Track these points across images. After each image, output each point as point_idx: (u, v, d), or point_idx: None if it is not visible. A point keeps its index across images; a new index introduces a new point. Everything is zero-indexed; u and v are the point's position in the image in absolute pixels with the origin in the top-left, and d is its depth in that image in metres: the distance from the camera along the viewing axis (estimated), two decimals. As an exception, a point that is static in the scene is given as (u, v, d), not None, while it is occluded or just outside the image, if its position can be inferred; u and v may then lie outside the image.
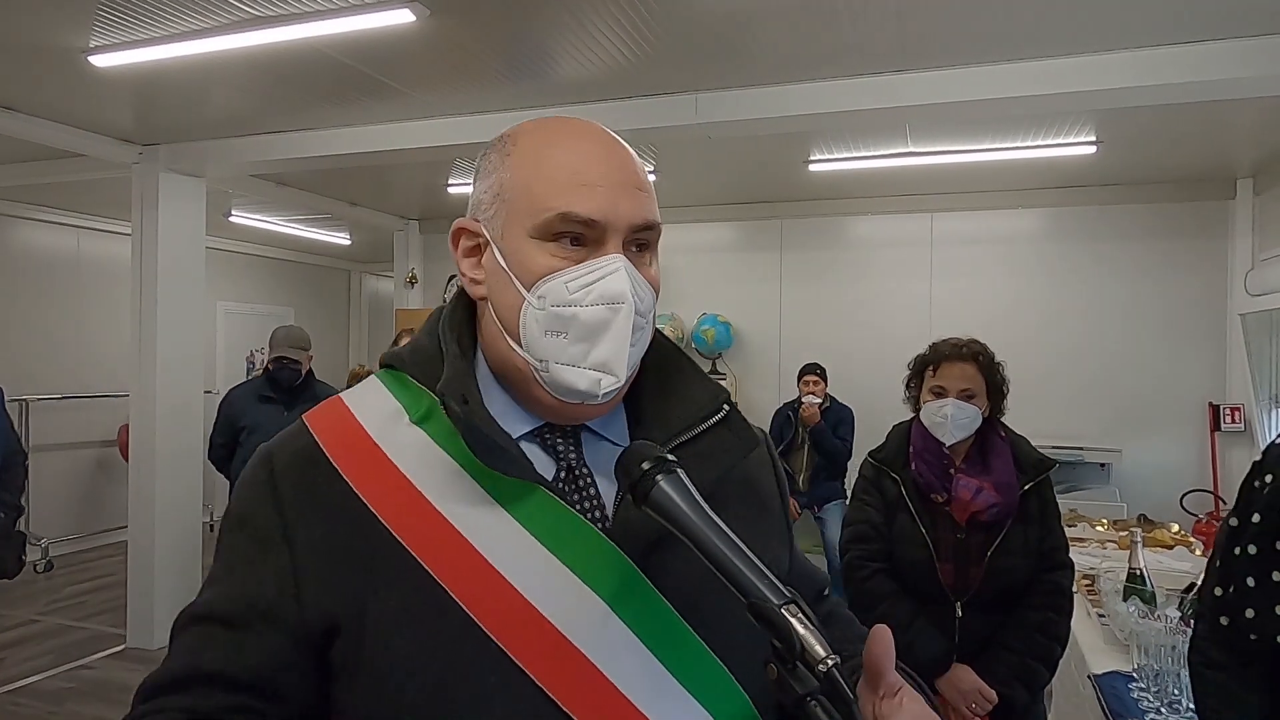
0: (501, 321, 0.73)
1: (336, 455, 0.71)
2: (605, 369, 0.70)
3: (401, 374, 0.77)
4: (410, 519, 0.68)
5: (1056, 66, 3.29)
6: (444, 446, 0.71)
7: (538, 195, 0.70)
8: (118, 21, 3.00)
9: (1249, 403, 4.99)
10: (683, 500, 0.62)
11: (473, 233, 0.76)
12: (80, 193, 6.02)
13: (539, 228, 0.70)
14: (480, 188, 0.76)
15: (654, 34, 3.11)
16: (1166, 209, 5.39)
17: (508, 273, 0.72)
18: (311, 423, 0.75)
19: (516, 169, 0.73)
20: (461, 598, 0.65)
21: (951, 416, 1.97)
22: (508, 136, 0.76)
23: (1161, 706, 1.92)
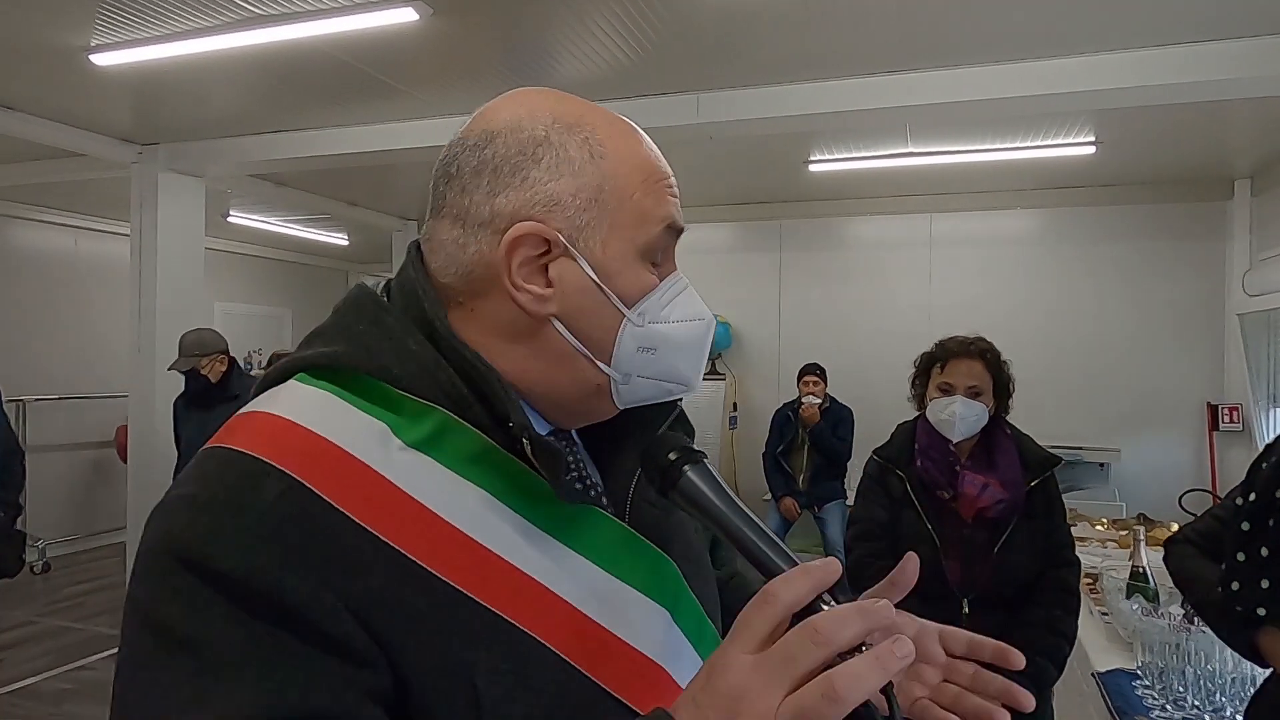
0: (586, 342, 0.64)
1: (338, 496, 0.54)
2: (686, 382, 0.69)
3: (376, 384, 0.61)
4: (467, 567, 0.56)
5: (1056, 67, 3.30)
6: (461, 473, 0.59)
7: (647, 206, 0.64)
8: (119, 20, 3.00)
9: (1247, 402, 5.00)
10: (710, 489, 0.62)
11: (544, 240, 0.62)
12: (78, 193, 6.01)
13: (649, 244, 0.65)
14: (557, 186, 0.62)
15: (655, 34, 3.11)
16: (1165, 209, 5.41)
17: (604, 290, 0.63)
18: (265, 453, 0.54)
19: (617, 176, 0.64)
20: (552, 642, 0.58)
21: (959, 414, 1.97)
22: (583, 129, 0.64)
23: (1167, 704, 1.92)
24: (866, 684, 0.45)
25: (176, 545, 0.51)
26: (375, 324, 0.64)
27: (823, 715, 0.45)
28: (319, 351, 0.63)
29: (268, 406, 0.59)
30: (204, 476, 0.55)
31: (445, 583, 0.55)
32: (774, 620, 0.49)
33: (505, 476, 0.61)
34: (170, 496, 0.55)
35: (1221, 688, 1.87)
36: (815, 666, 0.46)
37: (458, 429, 0.61)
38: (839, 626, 0.47)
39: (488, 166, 0.63)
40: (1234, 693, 1.85)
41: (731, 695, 0.47)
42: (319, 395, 0.60)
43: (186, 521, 0.52)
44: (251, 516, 0.51)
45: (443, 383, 0.61)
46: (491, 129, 0.64)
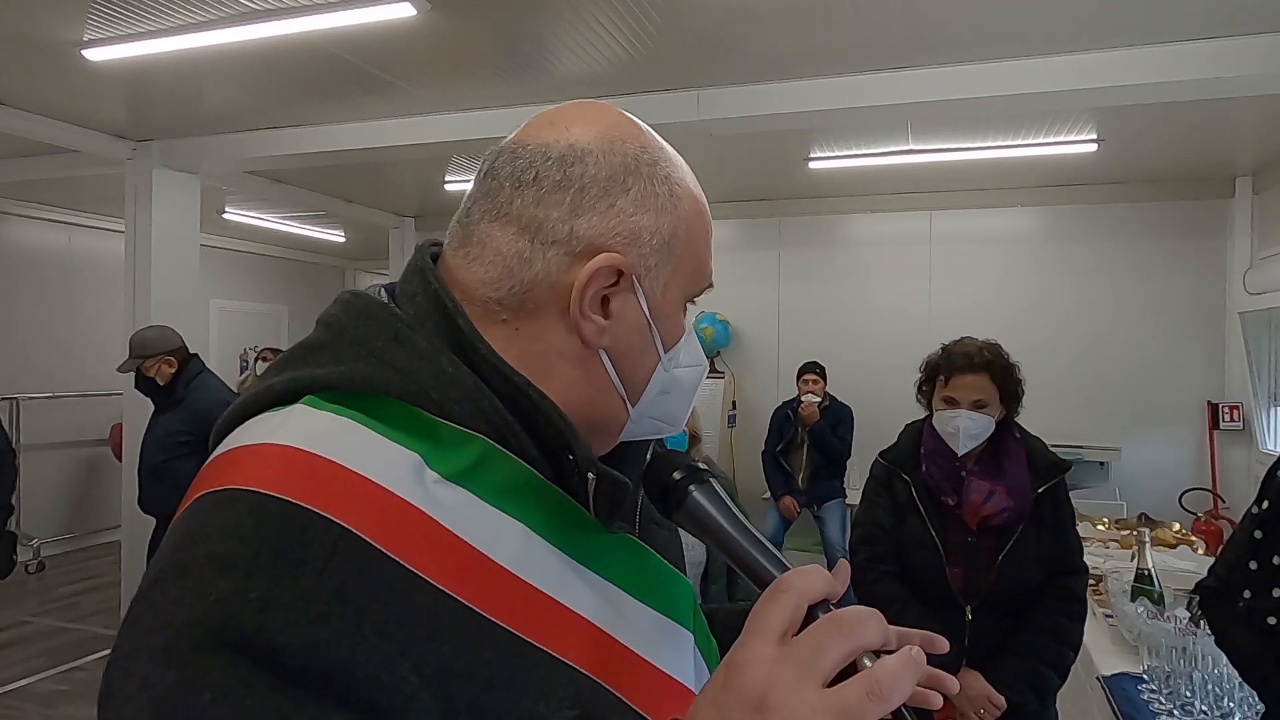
0: (624, 377, 0.62)
1: (390, 544, 0.47)
2: (675, 422, 0.68)
3: (408, 409, 0.55)
4: (522, 610, 0.53)
5: (1058, 64, 3.28)
6: (499, 506, 0.55)
7: (704, 262, 0.66)
8: (112, 15, 2.96)
9: (1247, 401, 4.99)
10: (717, 509, 0.60)
11: (619, 272, 0.59)
12: (73, 189, 5.97)
13: (695, 294, 0.66)
14: (640, 221, 0.60)
15: (655, 30, 3.08)
16: (1166, 207, 5.39)
17: (654, 330, 0.62)
18: (305, 499, 0.47)
19: (689, 224, 0.63)
20: (611, 683, 0.56)
21: (963, 428, 1.94)
22: (664, 168, 0.62)
23: (1174, 709, 1.90)
24: (905, 683, 0.44)
25: (219, 620, 0.42)
26: (398, 341, 0.56)
27: (867, 715, 0.43)
28: (334, 370, 0.55)
29: (278, 436, 0.51)
30: (230, 529, 0.45)
31: (505, 630, 0.51)
32: (789, 610, 0.48)
33: (543, 509, 0.57)
34: (185, 558, 0.45)
35: (1229, 693, 1.85)
36: (841, 660, 0.45)
37: (499, 459, 0.56)
38: (864, 620, 0.46)
39: (574, 184, 0.59)
40: (1242, 698, 1.82)
41: (757, 691, 0.44)
42: (341, 423, 0.53)
43: (230, 588, 0.43)
44: (311, 577, 0.43)
45: (485, 409, 0.56)
46: (580, 145, 0.60)
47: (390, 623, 0.45)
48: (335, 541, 0.45)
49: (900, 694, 0.44)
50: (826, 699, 0.44)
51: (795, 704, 0.43)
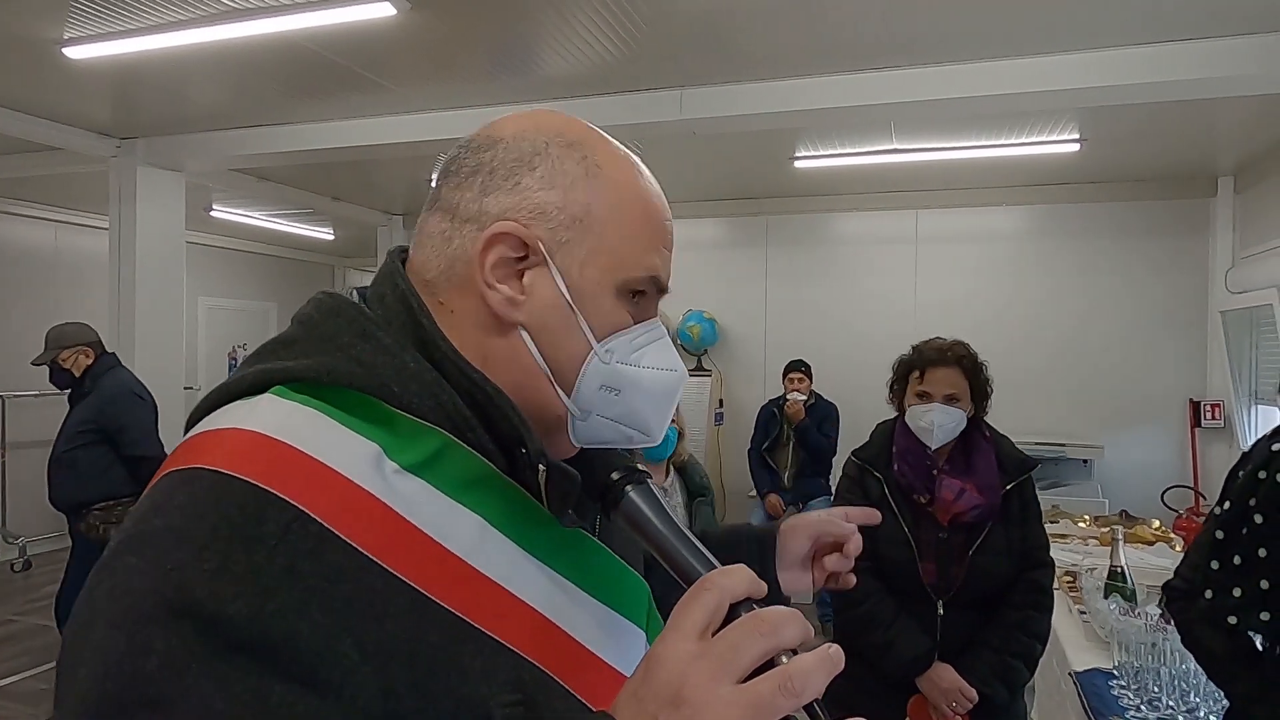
0: (551, 362, 0.63)
1: (343, 527, 0.49)
2: (648, 431, 0.67)
3: (370, 401, 0.57)
4: (471, 597, 0.54)
5: (1040, 65, 3.30)
6: (457, 498, 0.57)
7: (637, 249, 0.64)
8: (92, 13, 2.95)
9: (1229, 399, 5.03)
10: (651, 510, 0.61)
11: (524, 243, 0.61)
12: (58, 186, 5.94)
13: (627, 283, 0.64)
14: (545, 196, 0.62)
15: (638, 29, 3.09)
16: (1148, 207, 5.43)
17: (576, 313, 0.62)
18: (263, 479, 0.49)
19: (611, 201, 0.63)
20: (556, 672, 0.58)
21: (937, 422, 1.97)
22: (580, 145, 0.64)
23: (1141, 704, 1.93)
24: (818, 679, 0.46)
25: (173, 587, 0.44)
26: (365, 337, 0.59)
27: (778, 709, 0.45)
28: (303, 363, 0.58)
29: (246, 422, 0.53)
30: (189, 505, 0.48)
31: (452, 614, 0.53)
32: (711, 608, 0.49)
33: (502, 502, 0.59)
34: (146, 529, 0.47)
35: (1196, 688, 1.88)
36: (758, 658, 0.46)
37: (456, 452, 0.58)
38: (784, 620, 0.47)
39: (484, 168, 0.63)
40: (1208, 693, 1.85)
41: (674, 686, 0.46)
42: (305, 411, 0.55)
43: (185, 559, 0.45)
44: (263, 552, 0.46)
45: (445, 403, 0.59)
46: (496, 136, 0.64)
47: (336, 600, 0.47)
48: (290, 522, 0.48)
49: (812, 690, 0.46)
50: (740, 694, 0.45)
51: (709, 698, 0.45)
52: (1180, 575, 1.56)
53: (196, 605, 0.43)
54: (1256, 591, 1.31)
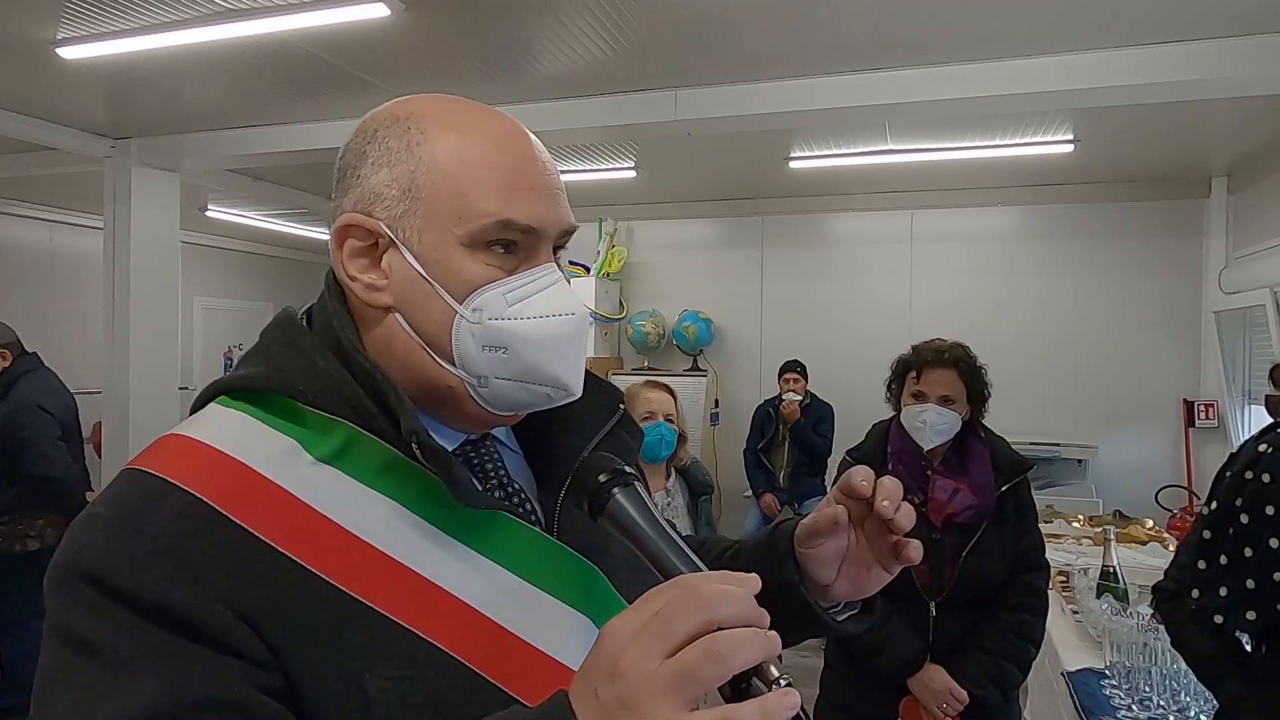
0: (424, 336, 0.64)
1: (238, 511, 0.56)
2: (559, 384, 0.66)
3: (286, 402, 0.63)
4: (364, 574, 0.57)
5: (1034, 66, 3.30)
6: (371, 484, 0.61)
7: (470, 198, 0.63)
8: (86, 13, 2.95)
9: (1222, 400, 5.04)
10: (639, 514, 0.61)
11: (368, 231, 0.64)
12: (53, 186, 5.93)
13: (472, 235, 0.63)
14: (377, 179, 0.64)
15: (633, 30, 3.09)
16: (1143, 207, 5.44)
17: (430, 282, 0.63)
18: (170, 473, 0.57)
19: (434, 163, 0.63)
20: (458, 652, 0.58)
21: (930, 423, 1.97)
22: (407, 120, 0.65)
23: (1133, 704, 1.94)
24: (747, 651, 0.46)
25: (78, 562, 0.54)
26: (289, 345, 0.66)
27: (702, 673, 0.45)
28: (237, 375, 0.66)
29: (186, 430, 0.62)
30: (114, 496, 0.58)
31: (342, 591, 0.56)
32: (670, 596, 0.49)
33: (415, 485, 0.62)
34: (83, 514, 0.57)
35: (1186, 688, 1.89)
36: (694, 632, 0.47)
37: (364, 441, 0.62)
38: (723, 596, 0.48)
39: (339, 175, 0.68)
40: (1198, 692, 1.86)
41: (612, 658, 0.47)
42: (234, 417, 0.63)
43: (88, 540, 0.55)
44: (145, 535, 0.54)
45: (348, 397, 0.63)
46: (344, 143, 0.68)
47: (211, 571, 0.54)
48: (185, 507, 0.56)
49: (739, 659, 0.46)
50: (669, 664, 0.46)
51: (640, 669, 0.46)
52: (1169, 576, 1.57)
53: (95, 577, 0.53)
54: (1243, 591, 1.32)
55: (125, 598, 0.52)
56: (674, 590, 0.49)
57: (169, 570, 0.53)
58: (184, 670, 0.51)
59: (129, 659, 0.51)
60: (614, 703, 0.46)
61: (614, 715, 0.46)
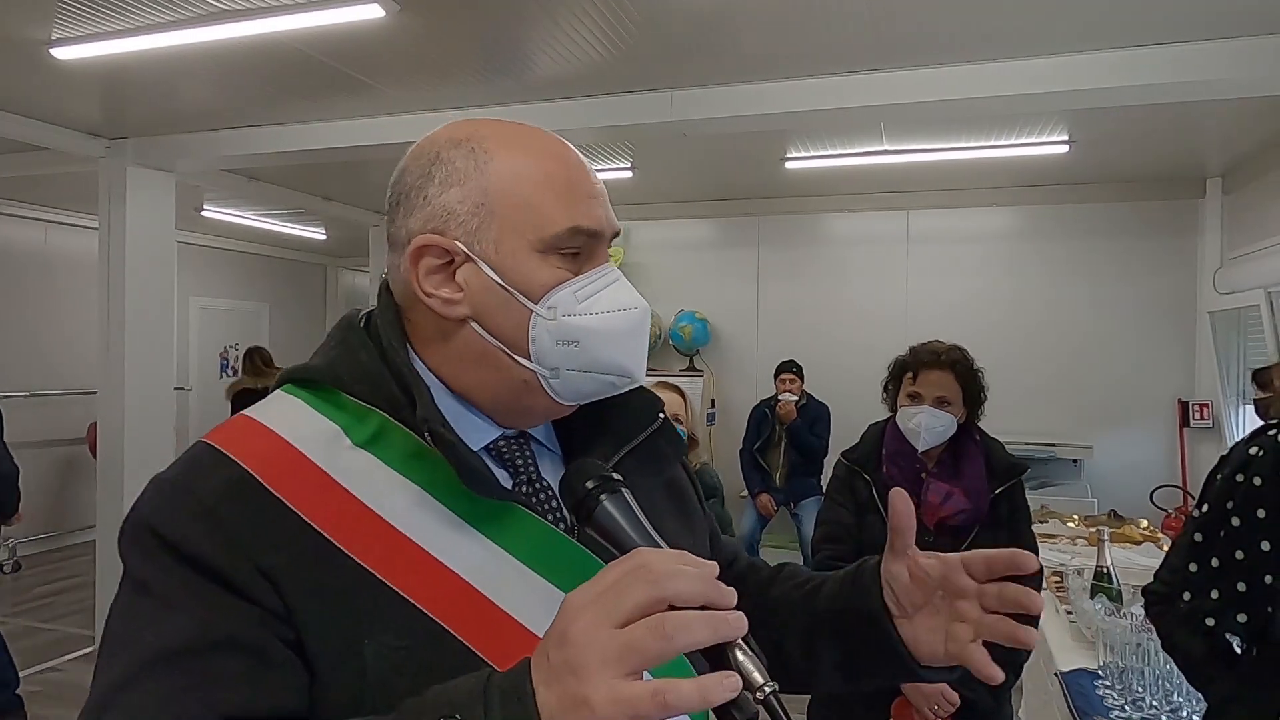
0: (501, 338, 0.69)
1: (279, 485, 0.63)
2: (624, 372, 0.72)
3: (333, 391, 0.70)
4: (382, 551, 0.63)
5: (1030, 67, 3.31)
6: (400, 470, 0.67)
7: (541, 209, 0.68)
8: (81, 13, 2.94)
9: (1217, 399, 5.06)
10: (626, 521, 0.61)
11: (444, 249, 0.69)
12: (49, 186, 5.92)
13: (546, 242, 0.68)
14: (447, 197, 0.69)
15: (629, 31, 3.09)
16: (1137, 208, 5.46)
17: (507, 289, 0.68)
18: (229, 448, 0.65)
19: (503, 179, 0.69)
20: (457, 630, 0.63)
21: (925, 424, 1.97)
22: (471, 142, 0.70)
23: (1126, 704, 1.94)
24: (695, 634, 0.48)
25: (143, 516, 0.64)
26: (342, 342, 0.74)
27: (648, 650, 0.47)
28: (300, 366, 0.74)
29: (252, 411, 0.71)
30: (181, 463, 0.67)
31: (356, 562, 0.62)
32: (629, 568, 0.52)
33: (439, 473, 0.66)
34: (158, 474, 0.67)
35: (1179, 688, 1.89)
36: (644, 605, 0.49)
37: (394, 430, 0.68)
38: (674, 572, 0.50)
39: (400, 196, 0.72)
40: (1190, 693, 1.87)
41: (563, 625, 0.50)
42: (292, 403, 0.71)
43: (152, 497, 0.65)
44: (195, 498, 0.62)
45: (382, 388, 0.69)
46: (403, 165, 0.73)
47: (243, 534, 0.61)
48: (231, 476, 0.64)
49: (685, 639, 0.48)
50: (616, 635, 0.48)
51: (588, 638, 0.48)
52: (1160, 579, 1.57)
53: (153, 529, 0.62)
54: (1234, 593, 1.32)
55: (171, 546, 0.61)
56: (629, 563, 0.52)
57: (207, 528, 0.61)
58: (212, 610, 0.59)
59: (172, 599, 0.60)
60: (562, 666, 0.48)
61: (561, 679, 0.48)
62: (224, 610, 0.59)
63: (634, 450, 0.78)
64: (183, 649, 0.58)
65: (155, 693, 0.57)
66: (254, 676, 0.58)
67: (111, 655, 0.60)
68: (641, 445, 0.79)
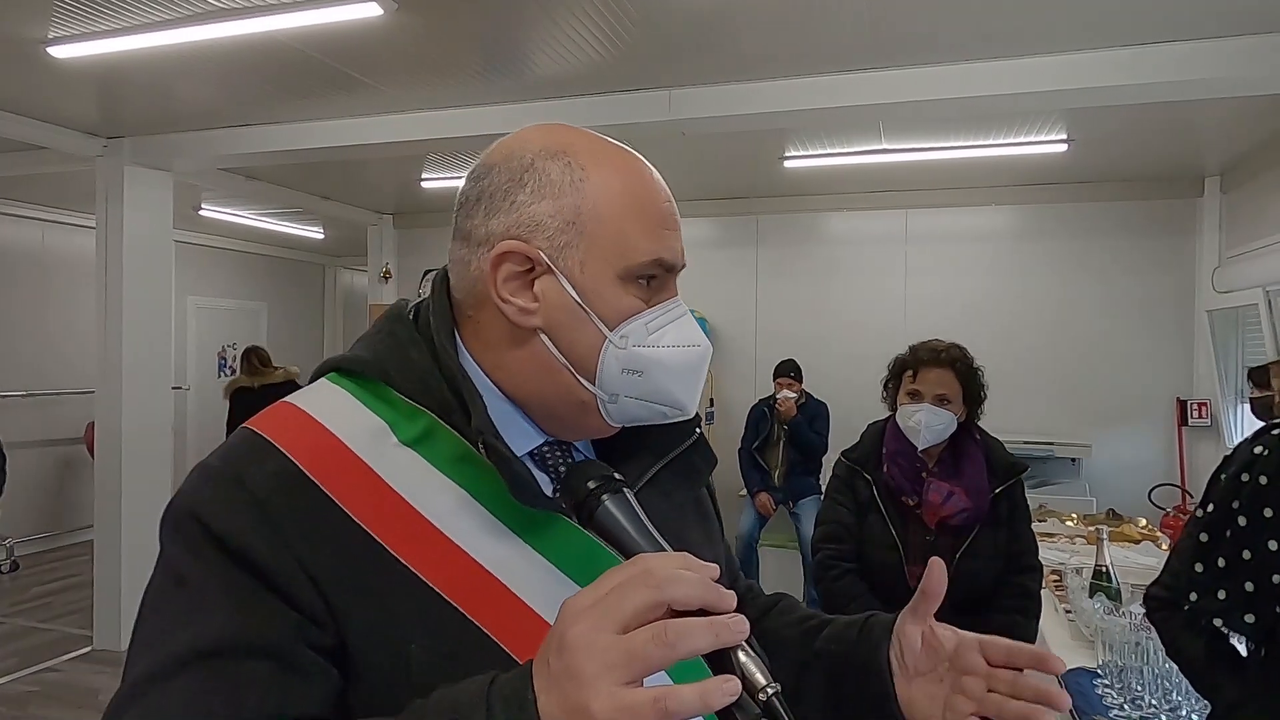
0: (570, 358, 0.69)
1: (326, 480, 0.63)
2: (679, 405, 0.72)
3: (380, 386, 0.70)
4: (427, 552, 0.63)
5: (1028, 66, 3.31)
6: (446, 472, 0.66)
7: (630, 236, 0.68)
8: (77, 12, 2.93)
9: (1215, 398, 5.06)
10: (628, 521, 0.61)
11: (528, 258, 0.68)
12: (45, 185, 5.90)
13: (630, 270, 0.69)
14: (539, 208, 0.68)
15: (627, 30, 3.09)
16: (1136, 207, 5.46)
17: (586, 310, 0.68)
18: (276, 437, 0.65)
19: (597, 200, 0.68)
20: (499, 637, 0.63)
21: (925, 422, 1.97)
22: (564, 154, 0.69)
23: (1125, 703, 1.94)
24: (697, 641, 0.48)
25: (189, 504, 0.63)
26: (391, 335, 0.73)
27: (650, 658, 0.47)
28: (345, 355, 0.73)
29: (297, 399, 0.70)
30: (227, 450, 0.66)
31: (402, 564, 0.62)
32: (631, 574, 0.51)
33: (484, 479, 0.66)
34: (201, 463, 0.66)
35: (1178, 687, 1.89)
36: (644, 609, 0.49)
37: (442, 432, 0.68)
38: (674, 577, 0.50)
39: (485, 194, 0.70)
40: (1190, 692, 1.86)
41: (563, 630, 0.50)
42: (337, 393, 0.70)
43: (200, 486, 0.64)
44: (244, 488, 0.61)
45: (433, 389, 0.69)
46: (491, 162, 0.71)
47: (288, 526, 0.61)
48: (280, 469, 0.63)
49: (687, 646, 0.47)
50: (617, 641, 0.48)
51: (588, 643, 0.48)
52: (1161, 584, 1.55)
53: (198, 519, 0.61)
54: (1241, 593, 1.31)
55: (217, 538, 0.60)
56: (630, 568, 0.51)
57: (255, 521, 0.61)
58: (247, 612, 0.59)
59: (207, 595, 0.59)
60: (561, 672, 0.48)
61: (561, 685, 0.48)
62: (260, 612, 0.59)
63: (670, 464, 0.79)
64: (213, 650, 0.57)
65: (182, 691, 0.57)
66: (282, 682, 0.58)
67: (144, 648, 0.60)
68: (678, 459, 0.80)
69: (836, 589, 2.04)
